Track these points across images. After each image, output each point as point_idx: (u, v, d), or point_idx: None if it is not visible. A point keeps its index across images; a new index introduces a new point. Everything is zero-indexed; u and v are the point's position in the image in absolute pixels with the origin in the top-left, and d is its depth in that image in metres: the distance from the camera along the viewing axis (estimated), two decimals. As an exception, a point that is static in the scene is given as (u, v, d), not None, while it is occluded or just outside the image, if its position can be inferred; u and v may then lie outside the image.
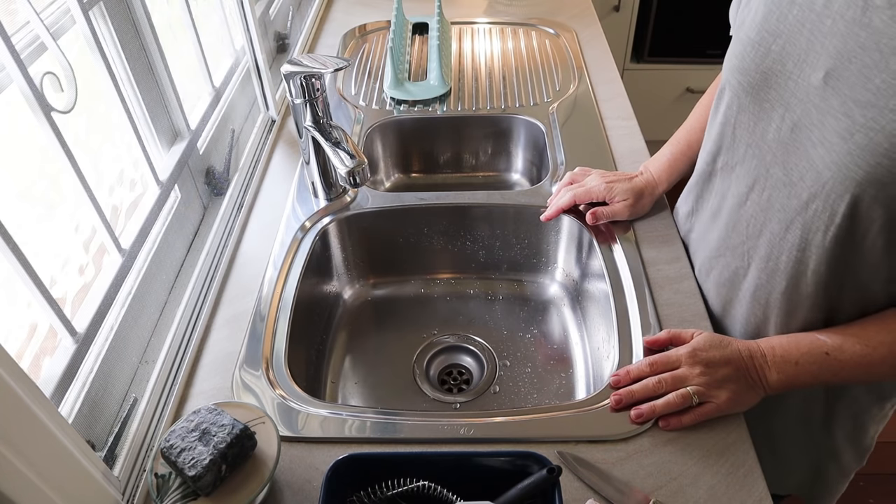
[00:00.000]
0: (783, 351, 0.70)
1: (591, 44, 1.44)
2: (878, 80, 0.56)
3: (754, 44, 0.68)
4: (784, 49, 0.65)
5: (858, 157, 0.58)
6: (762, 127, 0.70)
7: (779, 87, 0.66)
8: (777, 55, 0.66)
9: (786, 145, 0.67)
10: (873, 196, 0.59)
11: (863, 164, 0.58)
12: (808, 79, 0.63)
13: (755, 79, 0.69)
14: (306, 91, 0.91)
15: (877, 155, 0.57)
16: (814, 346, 0.69)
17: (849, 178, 0.59)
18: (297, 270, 0.92)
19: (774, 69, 0.66)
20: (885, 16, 0.56)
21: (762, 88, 0.68)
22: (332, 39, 1.49)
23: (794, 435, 0.88)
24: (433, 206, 1.04)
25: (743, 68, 0.70)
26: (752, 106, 0.70)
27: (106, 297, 0.69)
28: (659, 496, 0.65)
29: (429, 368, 0.99)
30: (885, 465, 1.63)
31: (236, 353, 0.81)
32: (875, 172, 0.57)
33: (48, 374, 0.61)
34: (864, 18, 0.57)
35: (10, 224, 0.55)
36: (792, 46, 0.64)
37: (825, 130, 0.61)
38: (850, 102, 0.58)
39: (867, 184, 0.58)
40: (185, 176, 0.90)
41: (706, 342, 0.72)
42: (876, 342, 0.66)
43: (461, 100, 1.27)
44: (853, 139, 0.58)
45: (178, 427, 0.63)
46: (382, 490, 0.61)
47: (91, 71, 0.71)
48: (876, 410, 0.83)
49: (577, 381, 0.95)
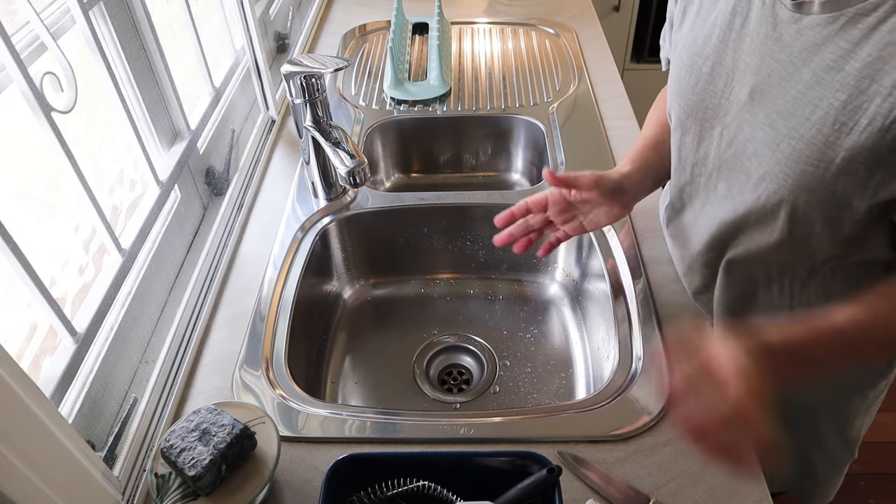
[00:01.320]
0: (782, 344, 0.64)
1: (591, 44, 1.44)
2: (794, 91, 0.58)
3: (687, 68, 0.70)
4: (713, 70, 0.67)
5: (786, 165, 0.60)
6: (705, 147, 0.72)
7: (714, 106, 0.68)
8: (708, 76, 0.68)
9: (727, 161, 0.69)
10: (806, 201, 0.61)
11: (790, 173, 0.60)
12: (738, 95, 0.65)
13: (692, 101, 0.71)
14: (306, 91, 0.91)
15: (801, 162, 0.59)
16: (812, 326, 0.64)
17: (782, 187, 0.61)
18: (297, 270, 0.92)
19: (708, 90, 0.68)
20: (792, 29, 0.58)
21: (700, 109, 0.70)
22: (332, 39, 1.49)
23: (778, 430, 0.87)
24: (433, 206, 1.04)
25: (681, 92, 0.72)
26: (695, 127, 0.72)
27: (106, 297, 0.69)
28: (659, 496, 0.65)
29: (429, 368, 0.99)
30: (885, 465, 1.63)
31: (236, 353, 0.81)
32: (802, 179, 0.59)
33: (48, 374, 0.61)
34: (775, 34, 0.60)
35: (10, 224, 0.55)
36: (720, 66, 0.66)
37: (756, 143, 0.63)
38: (774, 114, 0.60)
39: (798, 191, 0.60)
40: (185, 176, 0.90)
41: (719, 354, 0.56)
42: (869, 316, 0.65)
43: (461, 100, 1.27)
44: (779, 149, 0.60)
45: (178, 427, 0.63)
46: (382, 490, 0.61)
47: (91, 71, 0.71)
48: (859, 400, 0.84)
49: (577, 381, 0.95)
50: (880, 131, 0.53)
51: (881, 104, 0.52)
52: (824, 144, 0.56)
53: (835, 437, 0.88)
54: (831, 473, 0.93)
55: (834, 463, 0.92)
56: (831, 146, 0.56)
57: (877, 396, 0.84)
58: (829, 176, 0.57)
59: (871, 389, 0.83)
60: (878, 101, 0.52)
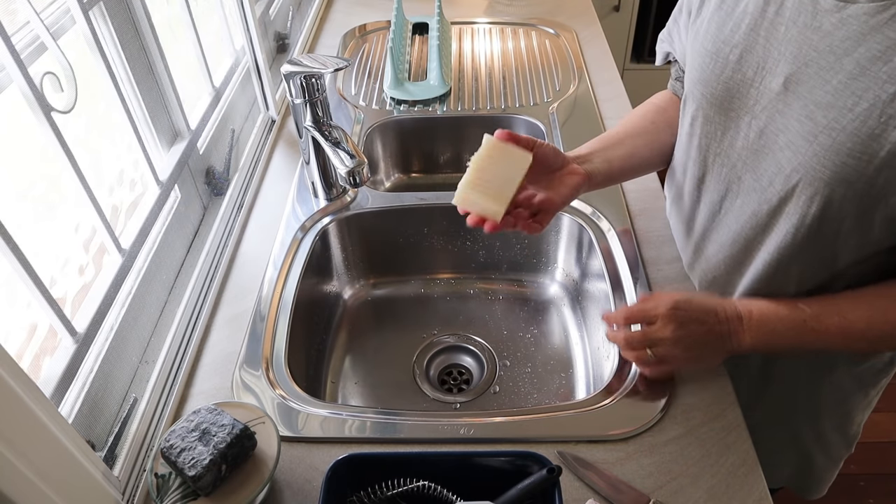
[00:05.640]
0: (760, 315, 0.70)
1: (591, 44, 1.44)
2: (835, 82, 0.57)
3: (712, 55, 0.69)
4: (742, 58, 0.66)
5: (824, 157, 0.59)
6: (730, 136, 0.70)
7: (742, 95, 0.67)
8: (735, 64, 0.67)
9: (755, 152, 0.68)
10: (843, 195, 0.60)
11: (829, 165, 0.59)
12: (769, 85, 0.64)
13: (717, 90, 0.70)
14: (306, 91, 0.91)
15: (841, 154, 0.58)
16: (793, 313, 0.69)
17: (818, 179, 0.60)
18: (297, 270, 0.92)
19: (735, 78, 0.67)
20: (835, 18, 0.57)
21: (726, 98, 0.69)
22: (332, 39, 1.49)
23: (780, 427, 0.88)
24: (433, 206, 1.04)
25: (704, 80, 0.71)
26: (718, 116, 0.71)
27: (106, 297, 0.69)
28: (659, 496, 0.65)
29: (429, 368, 0.99)
30: (886, 465, 1.63)
31: (236, 353, 0.81)
32: (841, 172, 0.58)
33: (48, 374, 0.61)
34: (814, 23, 0.59)
35: (10, 224, 0.55)
36: (749, 55, 0.65)
37: (790, 134, 0.62)
38: (812, 105, 0.60)
39: (836, 183, 0.59)
40: (185, 176, 0.90)
41: (686, 301, 0.71)
42: (854, 317, 0.67)
43: (461, 100, 1.27)
44: (817, 141, 0.59)
45: (178, 427, 0.63)
46: (382, 490, 0.61)
47: (91, 71, 0.71)
48: (860, 397, 0.84)
49: (577, 381, 0.95)
50: None
51: None
52: (869, 137, 0.55)
53: (836, 434, 0.89)
54: (829, 468, 0.94)
55: (832, 458, 0.92)
56: (876, 139, 0.55)
57: (877, 393, 0.85)
58: (872, 169, 0.56)
59: (873, 388, 0.83)
60: None
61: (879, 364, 0.80)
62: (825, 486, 0.96)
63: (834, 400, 0.84)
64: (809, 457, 0.92)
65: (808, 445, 0.90)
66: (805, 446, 0.90)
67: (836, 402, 0.84)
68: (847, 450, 0.91)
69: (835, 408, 0.85)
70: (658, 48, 0.88)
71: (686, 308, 0.70)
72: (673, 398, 0.74)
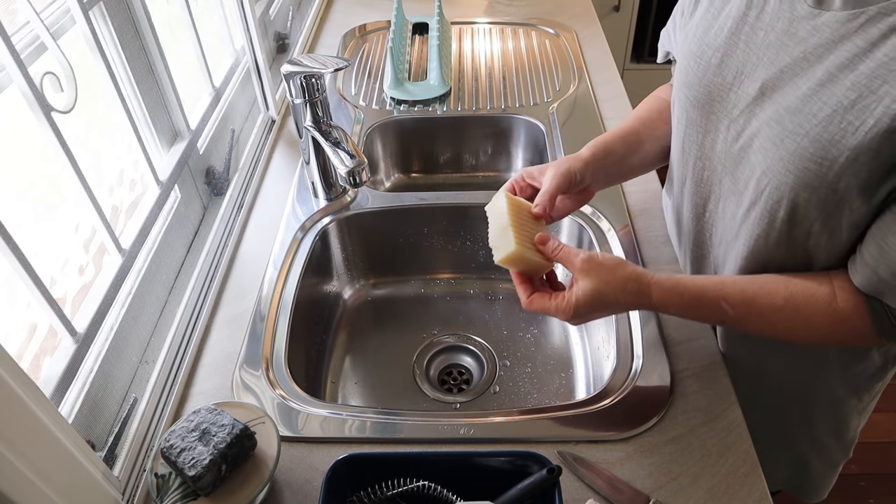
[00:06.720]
0: (669, 279, 0.68)
1: (591, 44, 1.44)
2: (805, 88, 0.58)
3: (695, 57, 0.70)
4: (723, 62, 0.67)
5: (789, 162, 0.60)
6: (711, 139, 0.71)
7: (721, 99, 0.68)
8: (716, 68, 0.67)
9: (733, 156, 0.68)
10: (807, 199, 0.60)
11: (793, 170, 0.59)
12: (747, 90, 0.64)
13: (700, 92, 0.70)
14: (306, 91, 0.91)
15: (804, 160, 0.58)
16: (707, 280, 0.68)
17: (783, 184, 0.61)
18: (297, 270, 0.92)
19: (715, 82, 0.68)
20: (809, 25, 0.58)
21: (707, 102, 0.70)
22: (332, 39, 1.49)
23: (774, 431, 0.88)
24: (433, 206, 1.04)
25: (688, 83, 0.71)
26: (701, 119, 0.71)
27: (106, 297, 0.69)
28: (659, 496, 0.65)
29: (429, 368, 0.99)
30: (885, 465, 1.63)
31: (236, 353, 0.81)
32: (804, 177, 0.59)
33: (48, 374, 0.61)
34: (791, 29, 0.59)
35: (10, 224, 0.55)
36: (730, 59, 0.66)
37: (762, 139, 0.63)
38: (782, 110, 0.60)
39: (800, 188, 0.60)
40: (185, 176, 0.90)
41: (589, 299, 0.66)
42: (765, 289, 0.66)
43: (461, 100, 1.27)
44: (783, 145, 0.60)
45: (178, 427, 0.63)
46: (382, 490, 0.61)
47: (91, 71, 0.71)
48: (854, 402, 0.84)
49: (577, 381, 0.95)
50: (886, 132, 0.52)
51: (890, 105, 0.52)
52: (829, 143, 0.56)
53: (831, 439, 0.88)
54: (826, 473, 0.93)
55: (829, 463, 0.92)
56: (836, 145, 0.56)
57: (872, 398, 0.84)
58: (832, 175, 0.57)
59: (867, 392, 0.83)
60: (888, 102, 0.52)
61: (871, 368, 0.79)
62: (824, 491, 0.96)
63: (826, 405, 0.84)
64: (806, 462, 0.91)
65: (803, 450, 0.90)
66: (801, 451, 0.90)
67: (829, 406, 0.84)
68: (845, 455, 0.91)
69: (828, 413, 0.85)
70: (659, 46, 0.88)
71: (585, 311, 0.67)
72: (673, 398, 0.74)
